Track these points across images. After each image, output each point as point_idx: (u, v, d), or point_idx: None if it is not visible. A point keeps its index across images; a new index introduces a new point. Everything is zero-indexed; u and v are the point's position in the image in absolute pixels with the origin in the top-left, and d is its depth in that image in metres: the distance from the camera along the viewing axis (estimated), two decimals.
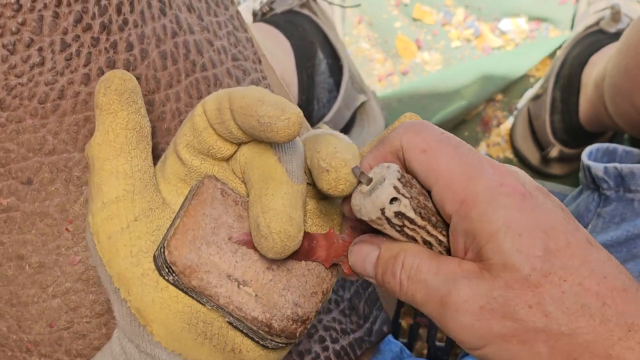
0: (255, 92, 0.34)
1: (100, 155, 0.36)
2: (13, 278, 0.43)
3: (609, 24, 1.00)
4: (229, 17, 0.48)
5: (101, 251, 0.36)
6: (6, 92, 0.40)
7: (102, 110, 0.36)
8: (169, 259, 0.34)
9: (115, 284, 0.36)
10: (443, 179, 0.32)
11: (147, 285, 0.36)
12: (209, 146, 0.36)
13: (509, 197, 0.31)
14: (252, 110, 0.33)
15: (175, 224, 0.35)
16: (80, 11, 0.41)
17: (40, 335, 0.43)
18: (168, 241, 0.35)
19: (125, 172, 0.36)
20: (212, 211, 0.35)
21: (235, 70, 0.47)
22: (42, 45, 0.40)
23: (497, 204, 0.31)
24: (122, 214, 0.36)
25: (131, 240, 0.36)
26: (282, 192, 0.34)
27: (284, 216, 0.33)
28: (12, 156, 0.41)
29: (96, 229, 0.36)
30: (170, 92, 0.43)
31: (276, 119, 0.32)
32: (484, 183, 0.31)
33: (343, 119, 0.98)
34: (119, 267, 0.36)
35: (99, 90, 0.36)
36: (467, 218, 0.31)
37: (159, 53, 0.43)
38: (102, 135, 0.36)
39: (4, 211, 0.42)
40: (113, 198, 0.36)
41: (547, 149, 1.00)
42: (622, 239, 0.54)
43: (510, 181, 0.32)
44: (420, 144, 0.33)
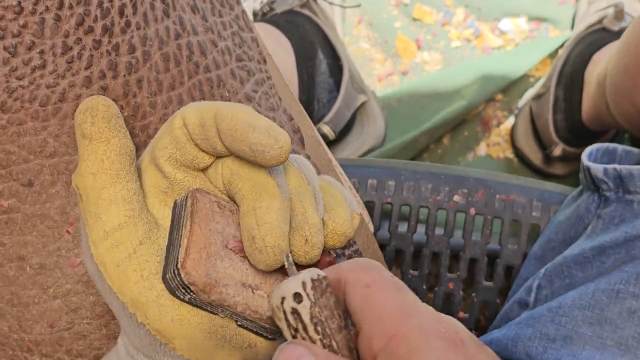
0: (244, 115, 0.34)
1: (96, 185, 0.36)
2: (14, 279, 0.43)
3: (612, 22, 1.00)
4: (234, 17, 0.48)
5: (110, 280, 0.36)
6: (7, 95, 0.40)
7: (92, 140, 0.36)
8: (186, 280, 0.34)
9: (130, 309, 0.36)
10: (377, 313, 0.31)
11: (164, 306, 0.36)
12: (192, 157, 0.36)
13: (441, 339, 0.30)
14: (242, 135, 0.33)
15: (183, 244, 0.35)
16: (82, 14, 0.41)
17: (41, 335, 0.43)
18: (182, 263, 0.35)
19: (124, 197, 0.36)
20: (216, 225, 0.36)
21: (239, 71, 0.47)
22: (44, 48, 0.40)
23: (429, 344, 0.30)
24: (127, 240, 0.36)
25: (140, 265, 0.36)
26: (276, 206, 0.34)
27: (278, 230, 0.34)
28: (13, 158, 0.41)
29: (102, 259, 0.36)
30: (173, 94, 0.43)
31: (269, 148, 0.33)
32: (417, 321, 0.31)
33: (343, 119, 0.98)
34: (132, 292, 0.36)
35: (85, 119, 0.36)
36: (395, 355, 0.30)
37: (161, 55, 0.43)
38: (95, 164, 0.36)
39: (5, 212, 0.42)
40: (115, 225, 0.36)
41: (550, 148, 1.00)
42: (621, 240, 0.54)
43: (445, 325, 0.31)
44: (365, 279, 0.32)
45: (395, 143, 1.04)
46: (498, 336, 0.58)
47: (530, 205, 0.70)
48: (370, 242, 0.56)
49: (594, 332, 0.52)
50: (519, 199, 0.70)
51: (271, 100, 0.49)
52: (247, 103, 0.47)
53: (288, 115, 0.49)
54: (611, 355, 0.51)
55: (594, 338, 0.52)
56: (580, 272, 0.56)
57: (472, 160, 1.09)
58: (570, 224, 0.62)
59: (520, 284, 0.65)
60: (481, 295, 0.72)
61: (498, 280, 0.72)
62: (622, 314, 0.52)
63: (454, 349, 0.30)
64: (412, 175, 0.72)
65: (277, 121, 0.48)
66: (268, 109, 0.48)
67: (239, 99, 0.47)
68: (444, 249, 0.72)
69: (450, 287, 0.72)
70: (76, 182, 0.37)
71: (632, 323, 0.51)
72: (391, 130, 1.08)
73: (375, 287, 0.32)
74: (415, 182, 0.72)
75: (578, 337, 0.53)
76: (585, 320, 0.53)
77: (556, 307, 0.55)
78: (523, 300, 0.61)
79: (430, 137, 1.06)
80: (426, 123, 1.07)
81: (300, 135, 0.49)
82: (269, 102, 0.48)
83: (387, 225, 0.73)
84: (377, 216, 0.72)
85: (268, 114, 0.48)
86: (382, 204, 0.72)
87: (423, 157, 1.08)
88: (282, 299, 0.33)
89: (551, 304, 0.56)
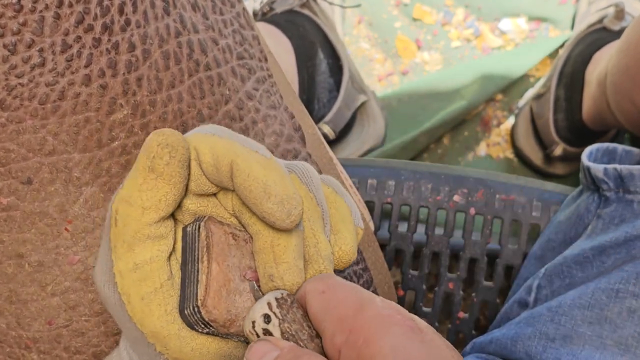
0: (261, 174, 0.33)
1: (142, 220, 0.34)
2: (12, 276, 0.43)
3: (613, 21, 1.00)
4: (235, 15, 0.48)
5: (132, 311, 0.35)
6: (6, 93, 0.40)
7: (158, 177, 0.34)
8: (207, 318, 0.35)
9: (150, 340, 0.36)
10: (336, 313, 0.32)
11: (184, 338, 0.36)
12: (206, 188, 0.36)
13: (397, 326, 0.31)
14: (256, 199, 0.33)
15: (202, 281, 0.35)
16: (82, 12, 0.41)
17: (39, 332, 0.43)
18: (202, 301, 0.35)
19: (161, 234, 0.35)
20: (233, 260, 0.36)
21: (240, 69, 0.47)
22: (43, 46, 0.40)
23: (386, 331, 0.30)
24: (156, 275, 0.35)
25: (165, 299, 0.35)
26: (294, 243, 0.35)
27: (295, 269, 0.35)
28: (12, 156, 0.41)
29: (127, 290, 0.35)
30: (173, 92, 0.43)
31: (280, 221, 0.33)
32: (373, 311, 0.31)
33: (343, 119, 0.98)
34: (154, 326, 0.35)
35: (161, 155, 0.34)
36: (355, 346, 0.31)
37: (161, 53, 0.43)
38: (151, 201, 0.34)
39: (4, 210, 0.42)
40: (147, 259, 0.35)
41: (551, 148, 1.00)
42: (621, 240, 0.54)
43: (401, 314, 0.32)
44: (320, 286, 0.33)
45: (395, 143, 1.04)
46: (498, 335, 0.58)
47: (530, 205, 0.70)
48: (371, 242, 0.56)
49: (593, 332, 0.52)
50: (519, 199, 0.70)
51: (272, 98, 0.49)
52: (248, 101, 0.47)
53: (289, 113, 0.49)
54: (611, 354, 0.51)
55: (593, 337, 0.52)
56: (580, 272, 0.56)
57: (472, 160, 1.09)
58: (570, 224, 0.62)
59: (520, 283, 0.65)
60: (481, 295, 0.72)
61: (498, 280, 0.71)
62: (621, 313, 0.51)
63: (410, 334, 0.31)
64: (412, 175, 0.72)
65: (279, 119, 0.48)
66: (269, 107, 0.48)
67: (239, 97, 0.47)
68: (444, 248, 0.72)
69: (450, 287, 0.72)
70: (117, 206, 0.35)
71: (631, 322, 0.51)
72: (391, 130, 1.08)
73: (330, 291, 0.33)
74: (415, 182, 0.72)
75: (578, 336, 0.53)
76: (585, 319, 0.53)
77: (556, 307, 0.55)
78: (523, 300, 0.61)
79: (430, 137, 1.06)
80: (426, 123, 1.07)
81: (301, 134, 0.49)
82: (270, 100, 0.48)
83: (387, 225, 0.73)
84: (377, 216, 0.72)
85: (269, 111, 0.48)
86: (382, 203, 0.72)
87: (423, 157, 1.08)
88: (253, 323, 0.34)
89: (551, 304, 0.56)
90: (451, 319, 0.73)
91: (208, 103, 0.45)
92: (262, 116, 0.47)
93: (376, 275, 0.56)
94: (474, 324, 0.72)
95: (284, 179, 0.34)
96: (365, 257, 0.54)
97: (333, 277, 0.34)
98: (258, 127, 0.47)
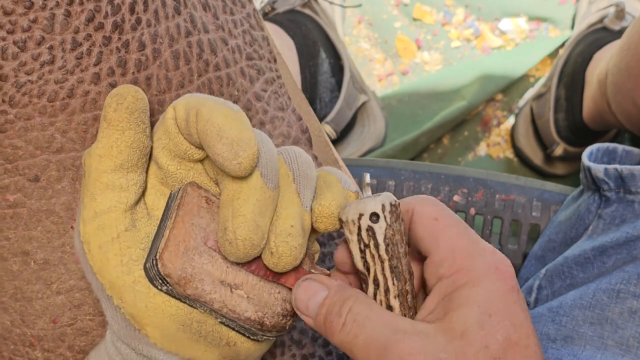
0: (219, 119, 0.34)
1: (99, 167, 0.37)
2: (18, 273, 0.43)
3: (613, 21, 1.00)
4: (245, 15, 0.48)
5: (92, 260, 0.37)
6: (16, 89, 0.40)
7: (109, 125, 0.36)
8: (162, 272, 0.35)
9: (108, 291, 0.37)
10: (448, 246, 0.34)
11: (139, 292, 0.36)
12: (184, 149, 0.37)
13: (498, 282, 0.33)
14: (209, 142, 0.34)
15: (165, 236, 0.36)
16: (92, 10, 0.41)
17: (44, 330, 0.43)
18: (160, 254, 0.35)
19: (121, 185, 0.37)
20: (200, 220, 0.36)
21: (249, 69, 0.47)
22: (53, 44, 0.40)
23: (485, 283, 0.33)
24: (113, 224, 0.36)
25: (121, 250, 0.36)
26: (254, 198, 0.34)
27: (252, 224, 0.34)
28: (20, 153, 0.41)
29: (87, 238, 0.37)
30: (182, 92, 0.44)
31: (228, 162, 0.33)
32: (483, 261, 0.34)
33: (345, 119, 0.98)
34: (110, 275, 0.36)
35: (110, 104, 0.36)
36: (455, 284, 0.33)
37: (171, 52, 0.43)
38: (104, 149, 0.36)
39: (11, 207, 0.42)
40: (105, 208, 0.37)
41: (551, 148, 1.00)
42: (622, 240, 0.55)
43: (506, 269, 0.34)
44: (434, 213, 0.35)
45: (396, 143, 1.04)
46: None
47: (530, 205, 0.70)
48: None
49: (594, 332, 0.52)
50: (519, 199, 0.71)
51: (280, 99, 0.49)
52: (256, 102, 0.47)
53: (297, 115, 0.49)
54: (612, 355, 0.51)
55: (594, 338, 0.52)
56: (581, 272, 0.57)
57: (472, 160, 1.09)
58: (571, 224, 0.63)
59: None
60: None
61: None
62: (622, 313, 0.52)
63: (506, 293, 0.33)
64: (412, 175, 0.72)
65: (286, 121, 0.48)
66: (277, 108, 0.48)
67: (248, 98, 0.47)
68: None
69: None
70: (84, 159, 0.38)
71: (633, 323, 0.51)
72: (391, 130, 1.08)
73: (444, 221, 0.35)
74: (415, 182, 0.72)
75: (579, 336, 0.53)
76: (586, 320, 0.53)
77: (557, 307, 0.55)
78: None
79: (430, 137, 1.07)
80: (426, 123, 1.07)
81: (308, 135, 0.49)
82: (278, 102, 0.48)
83: None
84: None
85: (277, 113, 0.48)
86: None
87: (423, 157, 1.09)
88: (360, 215, 0.34)
89: (552, 304, 0.56)
90: None
91: None
92: (270, 117, 0.47)
93: None
94: None
95: (242, 126, 0.34)
96: None
97: (443, 205, 0.36)
98: (266, 128, 0.47)
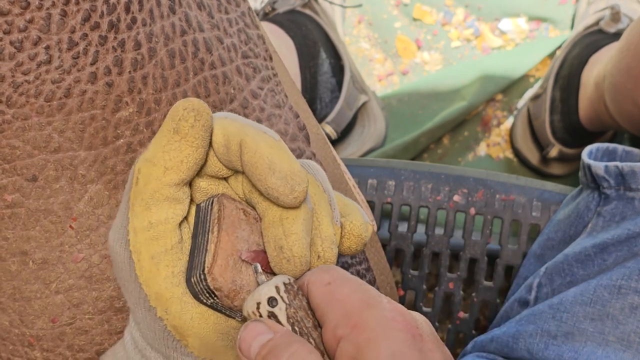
0: (267, 151, 0.34)
1: (163, 179, 0.36)
2: (16, 273, 0.43)
3: (609, 24, 1.00)
4: (240, 14, 0.48)
5: (140, 270, 0.36)
6: (13, 89, 0.40)
7: (182, 139, 0.35)
8: (212, 286, 0.35)
9: (152, 303, 0.36)
10: (342, 306, 0.33)
11: (186, 304, 0.36)
12: (217, 170, 0.37)
13: (400, 332, 0.31)
14: (261, 175, 0.34)
15: (210, 250, 0.36)
16: (88, 9, 0.41)
17: (43, 330, 0.43)
18: (209, 269, 0.35)
19: (178, 199, 0.36)
20: (242, 233, 0.36)
21: (245, 67, 0.47)
22: (50, 44, 0.40)
23: (388, 335, 0.31)
24: (168, 236, 0.36)
25: (173, 261, 0.36)
26: (302, 217, 0.35)
27: (304, 242, 0.35)
28: (18, 153, 0.41)
29: (138, 248, 0.36)
30: (178, 90, 0.44)
31: (284, 196, 0.34)
32: (378, 313, 0.32)
33: (345, 119, 0.98)
34: (159, 287, 0.36)
35: (186, 118, 0.35)
36: (356, 342, 0.31)
37: (167, 51, 0.43)
38: (173, 162, 0.35)
39: (9, 207, 0.42)
40: (162, 219, 0.36)
41: (547, 149, 1.01)
42: (623, 237, 0.55)
43: (406, 319, 0.32)
44: (326, 279, 0.34)
45: (396, 143, 1.04)
46: (499, 334, 0.58)
47: (530, 205, 0.70)
48: (374, 242, 0.56)
49: (595, 328, 0.52)
50: (519, 199, 0.71)
51: (277, 97, 0.49)
52: (253, 100, 0.47)
53: (294, 113, 0.49)
54: (613, 350, 0.51)
55: (595, 334, 0.52)
56: (582, 269, 0.57)
57: (472, 160, 1.09)
58: (570, 222, 0.63)
59: (520, 282, 0.66)
60: (481, 295, 0.72)
61: (498, 280, 0.72)
62: (624, 309, 0.52)
63: (411, 342, 0.31)
64: (412, 175, 0.72)
65: (283, 118, 0.48)
66: (274, 106, 0.48)
67: (244, 96, 0.47)
68: (444, 248, 0.72)
69: (450, 287, 0.72)
70: (140, 166, 0.36)
71: (634, 318, 0.51)
72: (391, 130, 1.08)
73: (337, 283, 0.34)
74: (415, 182, 0.72)
75: (579, 333, 0.53)
76: (587, 316, 0.53)
77: (557, 304, 0.55)
78: (523, 299, 0.61)
79: (430, 137, 1.06)
80: (426, 123, 1.07)
81: (305, 133, 0.49)
82: (275, 99, 0.48)
83: (387, 225, 0.73)
84: (377, 216, 0.72)
85: (274, 110, 0.48)
86: (382, 203, 0.72)
87: (423, 157, 1.09)
88: (258, 304, 0.34)
89: (552, 301, 0.56)
90: (451, 319, 0.73)
91: (213, 102, 0.45)
92: (267, 115, 0.47)
93: (379, 276, 0.56)
94: (474, 324, 0.73)
95: (289, 158, 0.35)
96: (368, 257, 0.54)
97: (338, 269, 0.35)
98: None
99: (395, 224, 0.72)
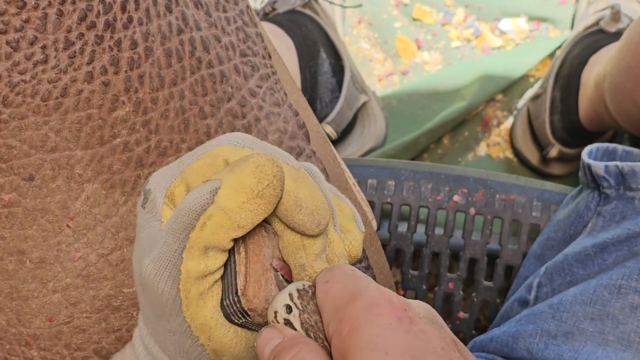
0: (292, 189, 0.35)
1: (231, 234, 0.35)
2: (14, 272, 0.43)
3: (609, 23, 1.00)
4: (238, 12, 0.48)
5: (187, 306, 0.36)
6: (9, 89, 0.40)
7: (262, 204, 0.35)
8: (247, 307, 0.36)
9: (195, 333, 0.36)
10: (332, 302, 0.33)
11: (227, 327, 0.37)
12: None
13: (382, 317, 0.31)
14: (288, 211, 0.35)
15: (241, 272, 0.36)
16: (84, 9, 0.41)
17: (40, 329, 0.43)
18: (243, 291, 0.36)
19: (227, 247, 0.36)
20: (268, 251, 0.37)
21: (243, 66, 0.47)
22: (46, 43, 0.40)
23: (369, 322, 0.31)
24: (217, 274, 0.36)
25: (217, 293, 0.36)
26: (321, 239, 0.37)
27: (324, 257, 0.37)
28: (14, 152, 0.41)
29: (188, 287, 0.36)
30: (175, 89, 0.44)
31: (310, 230, 0.35)
32: (362, 302, 0.32)
33: (345, 119, 0.98)
34: (205, 318, 0.36)
35: (275, 187, 0.35)
36: (341, 335, 0.31)
37: (163, 51, 0.43)
38: (245, 221, 0.35)
39: (6, 206, 0.42)
40: (218, 265, 0.36)
41: (547, 149, 1.01)
42: (623, 237, 0.54)
43: (392, 303, 0.32)
44: (326, 277, 0.34)
45: (396, 143, 1.04)
46: (498, 333, 0.58)
47: (530, 205, 0.70)
48: (373, 241, 0.56)
49: (595, 328, 0.52)
50: (519, 199, 0.71)
51: (276, 95, 0.49)
52: (251, 98, 0.47)
53: (294, 111, 0.49)
54: (613, 350, 0.51)
55: (595, 333, 0.52)
56: (582, 269, 0.57)
57: (472, 160, 1.09)
58: (570, 222, 0.63)
59: (520, 282, 0.66)
60: (481, 295, 0.72)
61: (498, 280, 0.72)
62: (624, 309, 0.52)
63: (395, 324, 0.31)
64: (412, 175, 0.72)
65: (282, 116, 0.48)
66: (273, 104, 0.48)
67: (242, 94, 0.47)
68: (443, 248, 0.72)
69: (450, 287, 0.72)
70: (213, 214, 0.35)
71: (634, 318, 0.51)
72: (391, 130, 1.08)
73: (333, 280, 0.34)
74: (415, 182, 0.72)
75: (579, 332, 0.53)
76: (587, 315, 0.53)
77: (557, 304, 0.55)
78: (523, 299, 0.61)
79: (430, 137, 1.06)
80: (426, 123, 1.07)
81: (305, 131, 0.49)
82: (274, 98, 0.48)
83: (387, 225, 0.73)
84: (377, 216, 0.72)
85: (273, 109, 0.48)
86: (382, 203, 0.72)
87: (423, 157, 1.09)
88: (275, 313, 0.35)
89: (552, 301, 0.56)
90: (451, 319, 0.73)
91: (210, 100, 0.45)
92: (266, 113, 0.47)
93: (378, 275, 0.56)
94: (474, 323, 0.72)
95: (313, 190, 0.36)
96: (367, 256, 0.54)
97: (339, 266, 0.35)
98: (261, 124, 0.47)
99: (395, 224, 0.72)
